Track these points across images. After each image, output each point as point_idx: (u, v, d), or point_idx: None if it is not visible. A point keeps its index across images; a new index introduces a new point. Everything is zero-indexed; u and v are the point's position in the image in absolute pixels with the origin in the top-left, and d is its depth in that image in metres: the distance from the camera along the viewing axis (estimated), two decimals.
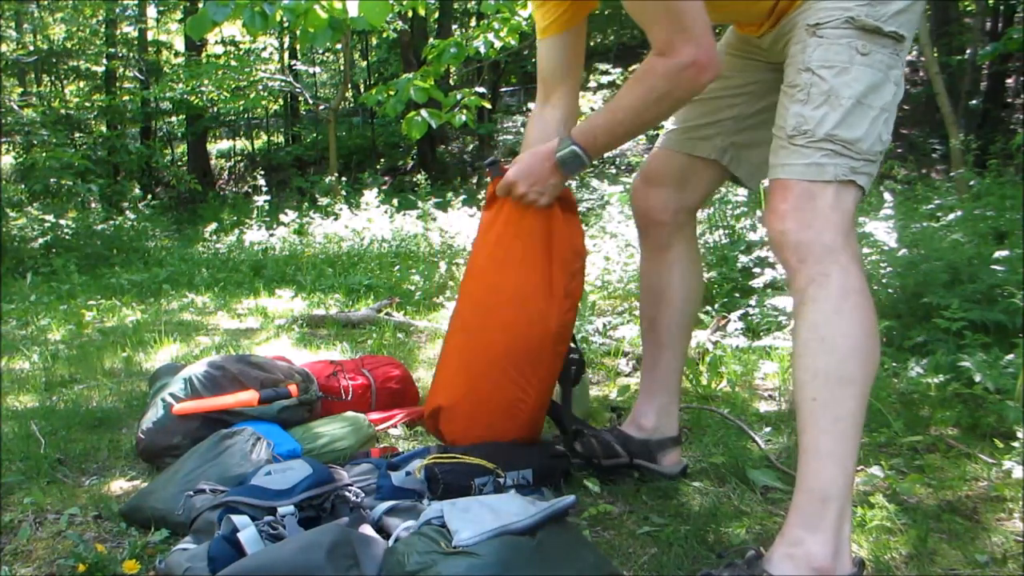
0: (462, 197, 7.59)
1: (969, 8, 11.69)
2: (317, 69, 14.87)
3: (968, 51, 10.55)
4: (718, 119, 1.73)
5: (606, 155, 9.53)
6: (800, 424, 1.32)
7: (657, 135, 1.88)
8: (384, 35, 10.72)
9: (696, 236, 1.87)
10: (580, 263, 1.77)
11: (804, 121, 1.36)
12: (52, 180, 8.87)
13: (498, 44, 4.55)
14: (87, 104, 13.65)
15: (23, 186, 9.81)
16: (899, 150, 10.23)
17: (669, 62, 1.42)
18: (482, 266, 1.80)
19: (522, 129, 10.52)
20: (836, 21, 1.36)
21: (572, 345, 1.83)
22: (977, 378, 2.16)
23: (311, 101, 13.15)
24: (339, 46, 12.38)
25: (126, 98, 13.55)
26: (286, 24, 3.59)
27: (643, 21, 1.44)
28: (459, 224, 6.22)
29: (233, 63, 12.43)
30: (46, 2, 13.50)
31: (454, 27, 13.20)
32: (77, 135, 12.58)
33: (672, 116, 1.79)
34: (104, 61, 13.93)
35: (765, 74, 1.67)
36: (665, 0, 1.38)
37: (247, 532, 1.37)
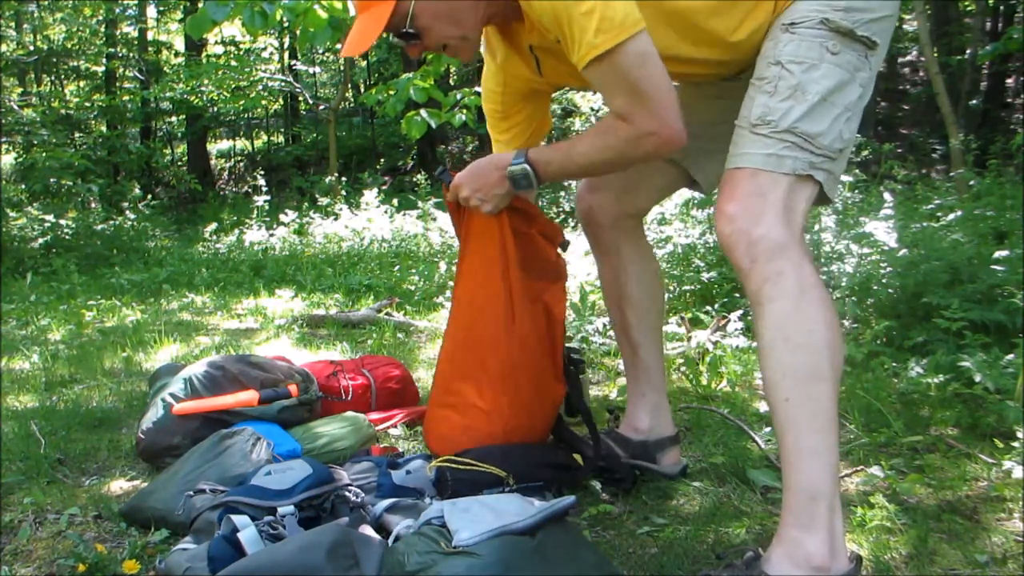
0: None
1: (969, 8, 11.69)
2: (317, 69, 14.84)
3: (968, 51, 10.55)
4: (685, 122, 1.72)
5: None
6: (777, 426, 1.32)
7: None
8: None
9: (644, 237, 1.89)
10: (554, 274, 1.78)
11: (769, 112, 1.37)
12: (52, 180, 8.85)
13: None
14: (87, 104, 13.62)
15: (23, 186, 9.79)
16: (899, 150, 10.22)
17: (630, 129, 1.41)
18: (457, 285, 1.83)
19: None
20: (811, 21, 1.38)
21: (570, 345, 1.83)
22: (977, 378, 2.16)
23: (311, 101, 13.15)
24: (339, 46, 12.36)
25: (126, 98, 13.53)
26: (286, 24, 3.59)
27: (603, 92, 1.43)
28: None
29: (233, 63, 12.42)
30: (46, 2, 13.49)
31: None
32: (77, 135, 12.56)
33: None
34: (104, 61, 13.91)
35: (736, 84, 1.66)
36: (626, 79, 1.37)
37: (247, 532, 1.37)
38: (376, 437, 2.15)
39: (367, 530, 1.44)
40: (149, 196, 10.50)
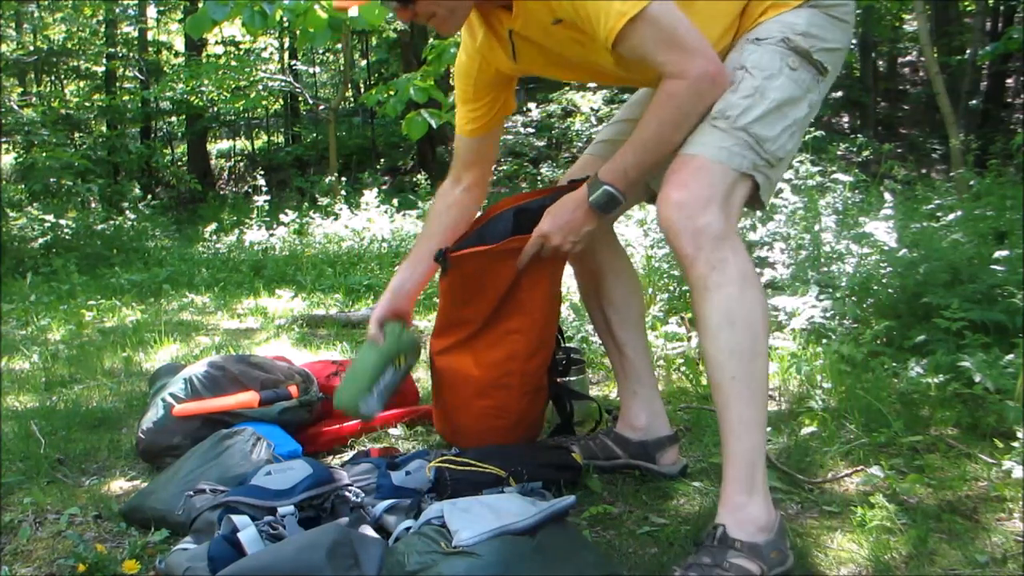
0: None
1: (969, 8, 11.70)
2: (317, 69, 14.87)
3: (968, 51, 10.55)
4: None
5: None
6: (721, 401, 1.42)
7: None
8: (384, 35, 10.71)
9: (617, 238, 1.95)
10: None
11: (729, 107, 1.45)
12: (52, 180, 8.85)
13: None
14: (87, 104, 13.62)
15: (23, 186, 9.79)
16: (899, 150, 10.23)
17: (689, 83, 1.44)
18: None
19: (521, 129, 10.52)
20: (774, 39, 1.50)
21: (570, 345, 1.84)
22: (977, 378, 2.16)
23: (311, 101, 13.15)
24: (339, 46, 12.38)
25: (126, 98, 13.53)
26: (286, 24, 3.60)
27: (645, 57, 1.45)
28: None
29: (233, 63, 12.42)
30: (46, 2, 13.49)
31: None
32: (77, 135, 12.56)
33: (606, 126, 1.90)
34: (104, 61, 13.90)
35: None
36: (665, 31, 1.41)
37: (247, 532, 1.37)
38: (418, 346, 2.16)
39: (367, 530, 1.44)
40: (149, 196, 10.47)
